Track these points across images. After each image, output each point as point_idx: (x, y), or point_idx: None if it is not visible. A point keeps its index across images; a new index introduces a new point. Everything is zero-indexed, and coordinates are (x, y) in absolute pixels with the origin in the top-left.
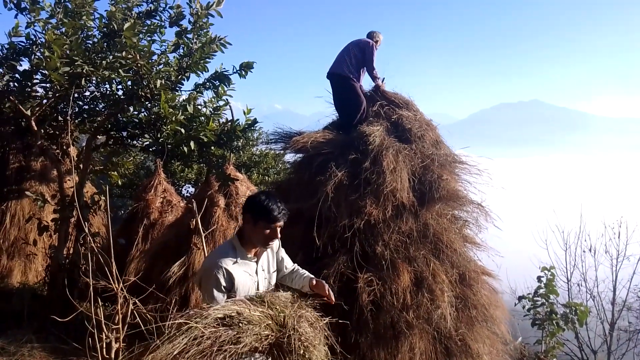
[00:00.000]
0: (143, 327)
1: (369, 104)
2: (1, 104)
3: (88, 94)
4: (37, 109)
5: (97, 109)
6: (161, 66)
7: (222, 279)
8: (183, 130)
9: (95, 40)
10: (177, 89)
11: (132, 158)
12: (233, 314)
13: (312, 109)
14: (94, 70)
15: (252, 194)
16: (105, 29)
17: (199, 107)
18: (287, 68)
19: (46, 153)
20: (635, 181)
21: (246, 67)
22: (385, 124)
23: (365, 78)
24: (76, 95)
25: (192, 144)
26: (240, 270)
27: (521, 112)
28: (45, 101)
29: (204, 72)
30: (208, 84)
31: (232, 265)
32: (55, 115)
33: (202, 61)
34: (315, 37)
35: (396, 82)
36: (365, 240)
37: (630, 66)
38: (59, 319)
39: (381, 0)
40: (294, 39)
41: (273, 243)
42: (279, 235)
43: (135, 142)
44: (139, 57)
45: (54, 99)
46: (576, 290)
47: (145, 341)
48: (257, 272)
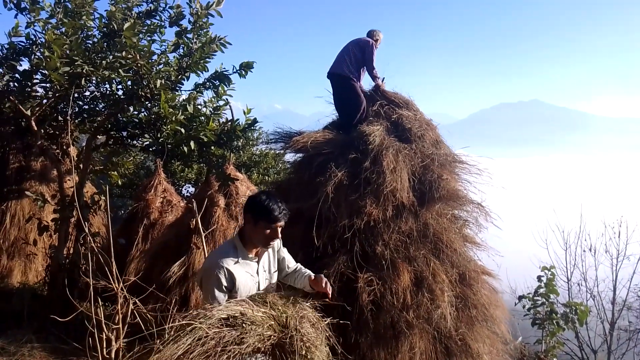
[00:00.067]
0: (143, 327)
1: (368, 104)
2: (1, 103)
3: (88, 93)
4: (37, 108)
5: (97, 108)
6: (161, 66)
7: (223, 279)
8: (183, 130)
9: (95, 40)
10: (177, 88)
11: (132, 158)
12: (237, 315)
13: (312, 108)
14: (94, 70)
15: (252, 194)
16: (105, 28)
17: (199, 107)
18: (287, 68)
19: (46, 153)
20: (635, 181)
21: (246, 67)
22: (385, 123)
23: (365, 77)
24: (76, 95)
25: (192, 143)
26: (242, 270)
27: (521, 112)
28: (45, 101)
29: (204, 72)
30: (208, 83)
31: (233, 265)
32: (55, 115)
33: (202, 61)
34: (315, 37)
35: (396, 81)
36: (365, 240)
37: (630, 66)
38: (59, 318)
39: (381, 0)
40: (294, 39)
41: (274, 243)
42: (280, 235)
43: (135, 142)
44: (139, 57)
45: (54, 99)
46: (576, 290)
47: (145, 341)
48: (258, 272)
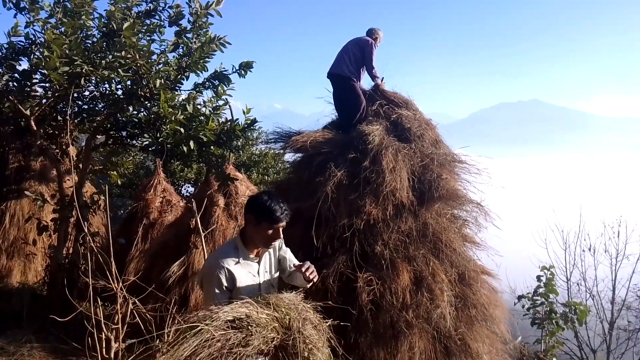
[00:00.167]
0: (143, 326)
1: (368, 103)
2: (1, 103)
3: (87, 93)
4: (37, 108)
5: (97, 108)
6: (160, 66)
7: (224, 279)
8: (182, 130)
9: (95, 39)
10: (177, 88)
11: (131, 158)
12: (242, 317)
13: (311, 108)
14: (93, 69)
15: (253, 195)
16: (104, 28)
17: (199, 106)
18: (287, 67)
19: (45, 153)
20: (635, 180)
21: (245, 67)
22: (384, 123)
23: (365, 77)
24: (75, 95)
25: (191, 143)
26: (242, 271)
27: (521, 111)
28: (44, 101)
29: (203, 71)
30: (207, 83)
31: (234, 265)
32: (55, 115)
33: (201, 61)
34: (315, 37)
35: (395, 81)
36: (365, 240)
37: (630, 65)
38: (58, 318)
39: (381, 0)
40: (293, 39)
41: (275, 243)
42: (282, 236)
43: (134, 141)
44: (138, 57)
45: (53, 99)
46: (575, 290)
47: (145, 341)
48: (259, 273)
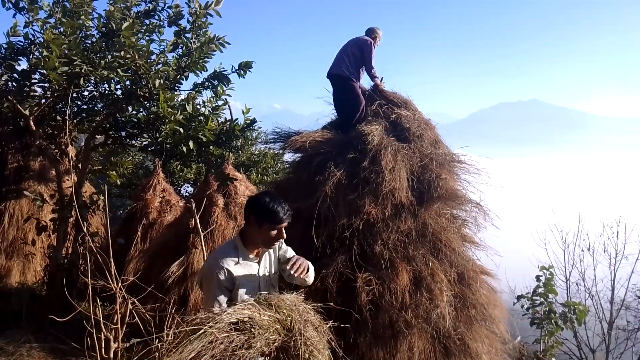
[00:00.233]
0: (142, 327)
1: (367, 103)
2: (0, 103)
3: (87, 93)
4: (36, 108)
5: (96, 108)
6: (160, 66)
7: (224, 279)
8: (182, 130)
9: (94, 39)
10: (176, 88)
11: (130, 158)
12: (245, 319)
13: (311, 108)
14: (92, 69)
15: (254, 196)
16: (103, 28)
17: (198, 106)
18: (286, 67)
19: (45, 153)
20: (634, 180)
21: (245, 67)
22: (383, 123)
23: (365, 76)
24: (75, 95)
25: (191, 143)
26: (242, 271)
27: (520, 111)
28: (43, 101)
29: (202, 71)
30: (207, 83)
31: (234, 265)
32: (54, 115)
33: (200, 61)
34: (314, 37)
35: (395, 81)
36: (364, 240)
37: (630, 65)
38: (57, 318)
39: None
40: (293, 39)
41: (277, 243)
42: (285, 235)
43: (134, 141)
44: (137, 57)
45: (52, 99)
46: (575, 290)
47: (144, 341)
48: (259, 273)
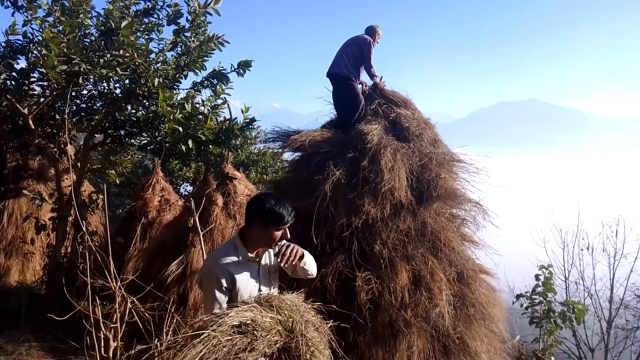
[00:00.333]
0: (141, 326)
1: (367, 102)
2: None
3: (85, 92)
4: (35, 107)
5: (95, 107)
6: (159, 64)
7: (224, 280)
8: (181, 129)
9: (93, 38)
10: (175, 87)
11: (129, 157)
12: (248, 321)
13: (310, 107)
14: (91, 68)
15: (259, 198)
16: (102, 27)
17: (197, 105)
18: (286, 66)
19: (44, 152)
20: (633, 180)
21: (244, 66)
22: (383, 122)
23: (364, 75)
24: (74, 94)
25: (190, 142)
26: (242, 270)
27: (519, 110)
28: (42, 100)
29: (201, 70)
30: (206, 82)
31: (234, 265)
32: (53, 113)
33: (200, 59)
34: (314, 36)
35: (394, 80)
36: (364, 239)
37: (629, 65)
38: (56, 318)
39: None
40: (292, 38)
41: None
42: (289, 236)
43: (133, 140)
44: (136, 56)
45: (51, 98)
46: (574, 289)
47: (142, 340)
48: (259, 272)
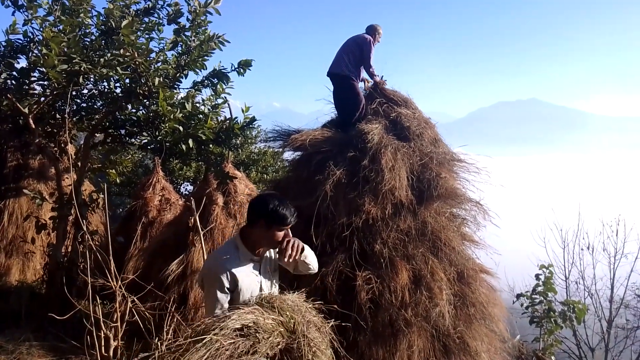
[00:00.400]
0: (142, 325)
1: (367, 102)
2: None
3: (86, 91)
4: (35, 106)
5: (95, 106)
6: (159, 64)
7: (226, 281)
8: (181, 128)
9: (93, 37)
10: (176, 86)
11: (130, 156)
12: (250, 324)
13: (310, 107)
14: (91, 68)
15: (262, 199)
16: (103, 26)
17: (198, 105)
18: (286, 66)
19: (44, 151)
20: (633, 179)
21: (244, 65)
22: (383, 121)
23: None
24: (74, 93)
25: (190, 141)
26: (244, 271)
27: (520, 110)
28: (43, 99)
29: (202, 69)
30: (206, 81)
31: (236, 265)
32: (53, 113)
33: (200, 59)
34: (314, 35)
35: (394, 80)
36: (364, 239)
37: (629, 65)
38: (57, 317)
39: None
40: (292, 37)
41: None
42: (291, 235)
43: (133, 140)
44: (137, 55)
45: (51, 97)
46: (574, 288)
47: (143, 339)
48: (260, 271)
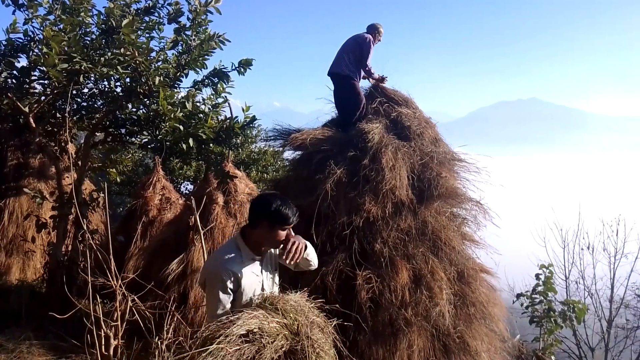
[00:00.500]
0: (142, 324)
1: (368, 101)
2: None
3: (86, 90)
4: (35, 105)
5: (96, 105)
6: (160, 63)
7: (228, 281)
8: (182, 128)
9: (94, 37)
10: (176, 86)
11: (130, 155)
12: (255, 329)
13: (311, 106)
14: (92, 67)
15: (264, 199)
16: (103, 25)
17: (198, 104)
18: (286, 65)
19: (44, 150)
20: (634, 179)
21: (245, 64)
22: (384, 121)
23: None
24: (74, 92)
25: (190, 141)
26: (246, 270)
27: (520, 110)
28: (43, 98)
29: (202, 69)
30: (207, 81)
31: (237, 266)
32: (54, 112)
33: (200, 58)
34: (315, 35)
35: (395, 80)
36: (364, 238)
37: (629, 64)
38: (57, 316)
39: None
40: (293, 36)
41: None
42: (293, 235)
43: (133, 139)
44: (137, 54)
45: (52, 96)
46: (574, 288)
47: (143, 338)
48: (262, 271)
